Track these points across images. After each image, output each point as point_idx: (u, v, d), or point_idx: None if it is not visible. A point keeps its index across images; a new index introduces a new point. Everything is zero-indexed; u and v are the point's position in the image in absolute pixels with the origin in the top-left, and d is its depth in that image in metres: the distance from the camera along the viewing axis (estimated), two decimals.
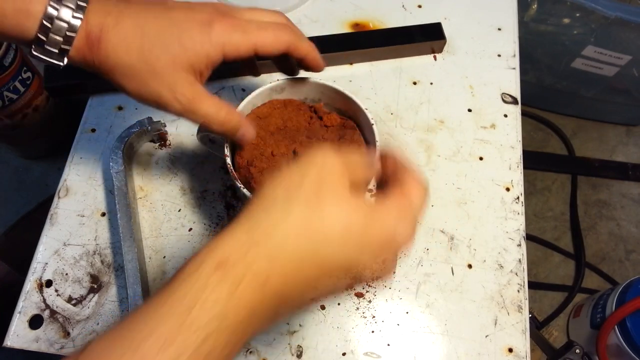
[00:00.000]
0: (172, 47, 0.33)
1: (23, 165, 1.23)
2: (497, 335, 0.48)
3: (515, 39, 0.64)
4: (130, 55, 0.33)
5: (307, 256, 0.25)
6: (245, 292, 0.23)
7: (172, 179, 0.54)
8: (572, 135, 1.31)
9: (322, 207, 0.26)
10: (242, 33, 0.34)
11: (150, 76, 0.33)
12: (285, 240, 0.25)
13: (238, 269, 0.23)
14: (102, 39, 0.33)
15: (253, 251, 0.24)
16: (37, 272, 0.49)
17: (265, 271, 0.24)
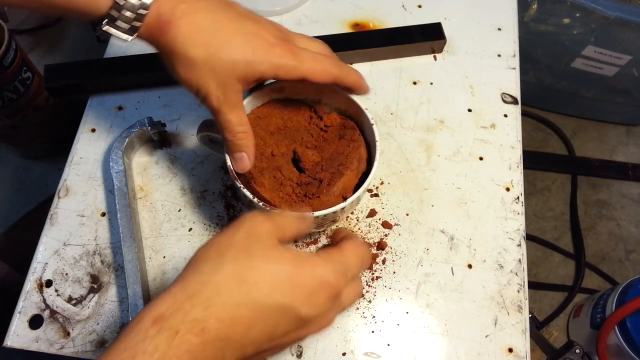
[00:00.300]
0: (236, 55, 0.35)
1: (23, 165, 1.23)
2: (497, 335, 0.48)
3: (515, 39, 0.64)
4: (196, 48, 0.35)
5: (240, 301, 0.27)
6: (184, 340, 0.25)
7: (172, 179, 0.54)
8: (572, 135, 1.31)
9: (252, 259, 0.28)
10: (297, 62, 0.37)
11: (206, 71, 0.36)
12: (218, 290, 0.27)
13: (174, 320, 0.25)
14: (172, 24, 0.34)
15: (187, 303, 0.26)
16: (37, 272, 0.49)
17: (202, 318, 0.26)
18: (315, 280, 0.29)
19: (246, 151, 0.41)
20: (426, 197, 0.54)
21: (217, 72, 0.36)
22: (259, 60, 0.36)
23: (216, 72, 0.36)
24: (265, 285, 0.28)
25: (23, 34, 1.39)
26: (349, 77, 0.41)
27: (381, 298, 0.49)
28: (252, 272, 0.28)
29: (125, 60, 0.58)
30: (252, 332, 0.28)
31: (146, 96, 0.59)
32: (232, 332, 0.27)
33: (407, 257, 0.51)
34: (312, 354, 0.46)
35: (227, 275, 0.27)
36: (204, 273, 0.28)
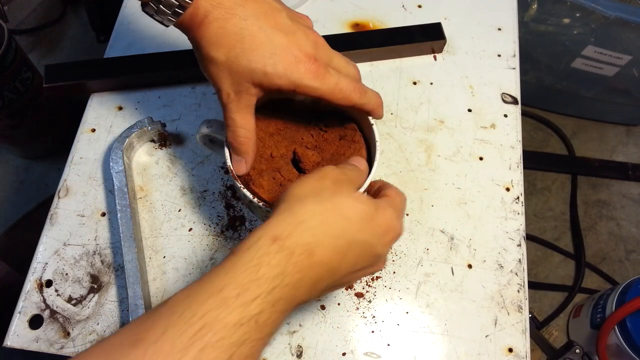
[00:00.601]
0: (255, 64, 0.37)
1: (23, 165, 1.23)
2: (497, 335, 0.48)
3: (515, 39, 0.64)
4: (218, 50, 0.37)
5: (340, 233, 0.31)
6: (298, 260, 0.29)
7: (172, 179, 0.54)
8: (572, 135, 1.31)
9: (345, 198, 0.32)
10: (318, 83, 0.38)
11: (223, 70, 0.37)
12: (324, 221, 0.31)
13: (290, 242, 0.29)
14: (204, 25, 0.36)
15: (299, 228, 0.30)
16: (37, 272, 0.49)
17: (312, 243, 0.30)
18: (386, 222, 0.34)
19: (245, 157, 0.42)
20: (426, 197, 0.54)
21: (233, 74, 0.37)
22: (278, 75, 0.37)
23: (233, 73, 0.37)
24: (357, 222, 0.32)
25: (23, 34, 1.39)
26: (369, 105, 0.42)
27: (381, 298, 0.49)
28: (347, 209, 0.32)
29: (125, 60, 0.58)
30: (344, 262, 0.32)
31: (146, 96, 0.59)
32: (331, 259, 0.31)
33: (407, 257, 0.51)
34: (312, 354, 0.46)
35: (329, 209, 0.31)
36: (307, 206, 0.31)
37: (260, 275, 0.27)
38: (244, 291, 0.27)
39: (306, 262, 0.29)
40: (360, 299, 0.49)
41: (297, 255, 0.29)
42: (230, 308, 0.26)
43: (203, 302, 0.26)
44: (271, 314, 0.28)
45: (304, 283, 0.30)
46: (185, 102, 0.58)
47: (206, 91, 0.59)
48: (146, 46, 0.61)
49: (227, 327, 0.25)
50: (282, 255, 0.28)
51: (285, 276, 0.28)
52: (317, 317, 0.48)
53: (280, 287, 0.28)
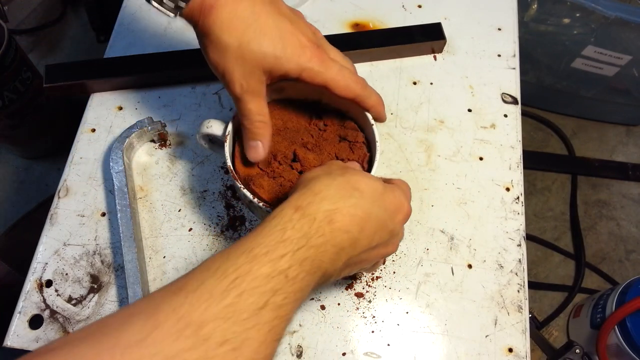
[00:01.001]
0: (267, 48, 0.37)
1: (23, 165, 1.23)
2: (497, 335, 0.48)
3: (515, 39, 0.64)
4: (231, 35, 0.37)
5: (356, 203, 0.32)
6: (320, 226, 0.31)
7: (172, 179, 0.54)
8: (572, 135, 1.31)
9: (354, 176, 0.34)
10: (323, 68, 0.39)
11: (235, 57, 0.37)
12: (339, 192, 0.32)
13: (311, 209, 0.31)
14: (215, 9, 0.36)
15: (318, 197, 0.32)
16: (37, 272, 0.49)
17: (331, 210, 0.31)
18: (396, 200, 0.36)
19: (262, 140, 0.42)
20: (426, 197, 0.54)
21: (245, 61, 0.37)
22: (287, 58, 0.38)
23: (245, 60, 0.37)
24: (370, 195, 0.33)
25: (23, 34, 1.39)
26: (370, 99, 0.43)
27: (381, 298, 0.49)
28: (359, 183, 0.33)
29: (125, 60, 0.58)
30: (362, 233, 0.33)
31: (146, 96, 0.59)
32: (350, 227, 0.32)
33: (407, 257, 0.51)
34: (312, 354, 0.46)
35: (343, 182, 0.33)
36: (322, 182, 0.33)
37: (286, 237, 0.29)
38: (273, 250, 0.29)
39: (327, 228, 0.31)
40: (360, 299, 0.49)
41: (318, 221, 0.31)
42: (261, 263, 0.28)
43: (235, 260, 0.28)
44: (299, 272, 0.29)
45: (327, 248, 0.31)
46: (185, 102, 0.58)
47: (206, 91, 0.59)
48: (146, 46, 0.61)
49: (259, 278, 0.27)
50: (305, 220, 0.30)
51: (309, 238, 0.30)
52: (317, 317, 0.48)
53: (305, 248, 0.30)
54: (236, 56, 0.37)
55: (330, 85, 0.40)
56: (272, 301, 0.27)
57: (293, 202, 0.32)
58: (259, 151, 0.43)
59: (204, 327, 0.24)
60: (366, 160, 0.46)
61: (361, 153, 0.46)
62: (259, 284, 0.27)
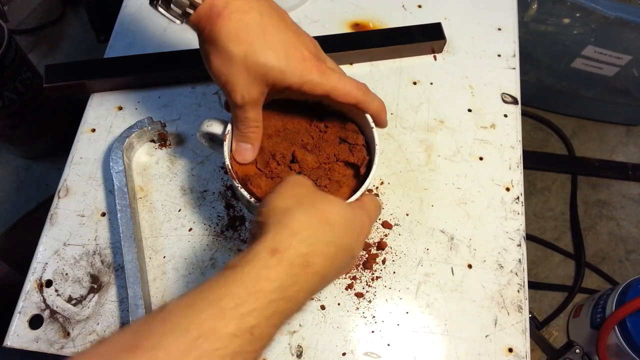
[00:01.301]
0: (273, 62, 0.37)
1: (23, 165, 1.23)
2: (497, 335, 0.48)
3: (515, 39, 0.64)
4: (238, 45, 0.36)
5: (329, 240, 0.32)
6: (295, 272, 0.30)
7: (172, 179, 0.54)
8: (572, 135, 1.31)
9: (326, 207, 0.33)
10: (323, 79, 0.39)
11: (240, 68, 0.37)
12: (314, 230, 0.32)
13: (290, 253, 0.30)
14: (223, 17, 0.36)
15: (295, 240, 0.31)
16: (37, 272, 0.49)
17: (306, 254, 0.30)
18: (361, 223, 0.36)
19: (253, 144, 0.43)
20: (426, 197, 0.54)
21: (250, 72, 0.37)
22: (291, 72, 0.38)
23: (249, 71, 0.37)
24: (340, 227, 0.33)
25: (23, 34, 1.39)
26: (372, 105, 0.43)
27: (381, 298, 0.49)
28: (330, 215, 0.33)
29: (125, 60, 0.58)
30: (332, 268, 0.33)
31: (146, 96, 0.59)
32: (323, 267, 0.31)
33: (407, 257, 0.51)
34: (312, 354, 0.46)
35: (315, 217, 0.32)
36: (297, 217, 0.32)
37: (259, 289, 0.28)
38: (242, 303, 0.27)
39: (303, 273, 0.30)
40: (360, 299, 0.49)
41: (295, 266, 0.30)
42: (227, 319, 0.26)
43: (201, 312, 0.26)
44: (266, 328, 0.28)
45: (300, 295, 0.30)
46: (185, 102, 0.58)
47: (206, 91, 0.59)
48: (146, 46, 0.61)
49: (223, 338, 0.25)
50: (282, 267, 0.29)
51: (283, 290, 0.29)
52: (317, 317, 0.48)
53: (277, 301, 0.28)
54: (241, 67, 0.37)
55: (332, 94, 0.40)
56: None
57: (269, 242, 0.30)
58: (248, 154, 0.43)
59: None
60: (365, 164, 0.46)
61: (361, 156, 0.46)
62: (222, 345, 0.25)
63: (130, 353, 0.24)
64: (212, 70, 0.39)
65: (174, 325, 0.25)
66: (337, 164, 0.46)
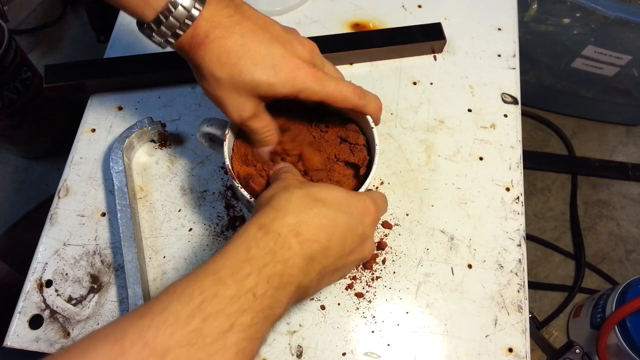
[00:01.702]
0: (260, 77, 0.38)
1: (23, 165, 1.23)
2: (497, 335, 0.48)
3: (515, 39, 0.64)
4: (222, 69, 0.37)
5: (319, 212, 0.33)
6: (285, 240, 0.31)
7: (172, 179, 0.54)
8: (572, 135, 1.31)
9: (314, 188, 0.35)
10: (319, 86, 0.40)
11: (228, 90, 0.38)
12: (299, 205, 0.33)
13: (275, 225, 0.31)
14: (205, 45, 0.37)
15: (280, 213, 0.32)
16: (37, 272, 0.49)
17: (295, 225, 0.32)
18: (361, 203, 0.36)
19: (270, 144, 0.44)
20: (426, 197, 0.54)
21: (239, 91, 0.38)
22: (281, 83, 0.38)
23: (238, 91, 0.38)
24: (333, 203, 0.34)
25: (23, 34, 1.39)
26: (368, 108, 0.43)
27: (381, 298, 0.49)
28: (320, 193, 0.34)
29: (125, 60, 0.58)
30: (332, 240, 0.33)
31: (146, 96, 0.59)
32: (319, 236, 0.32)
33: (407, 257, 0.51)
34: (312, 354, 0.46)
35: (302, 195, 0.33)
36: (282, 197, 0.33)
37: (251, 256, 0.30)
38: (238, 270, 0.29)
39: (294, 240, 0.31)
40: (360, 299, 0.49)
41: (283, 235, 0.31)
42: (227, 284, 0.28)
43: (202, 281, 0.28)
44: (267, 289, 0.29)
45: (296, 261, 0.31)
46: (185, 102, 0.58)
47: None
48: (146, 46, 0.61)
49: (225, 300, 0.27)
50: (269, 237, 0.31)
51: (274, 254, 0.30)
52: (317, 317, 0.48)
53: (272, 264, 0.30)
54: (229, 88, 0.38)
55: (329, 101, 0.41)
56: (239, 322, 0.27)
57: (255, 221, 0.32)
58: (266, 153, 0.45)
59: (169, 354, 0.24)
60: (365, 164, 0.46)
61: (361, 156, 0.46)
62: (225, 306, 0.27)
63: (141, 318, 0.26)
64: (205, 92, 0.40)
65: (180, 294, 0.27)
66: (337, 164, 0.46)
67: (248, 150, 0.46)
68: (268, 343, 0.46)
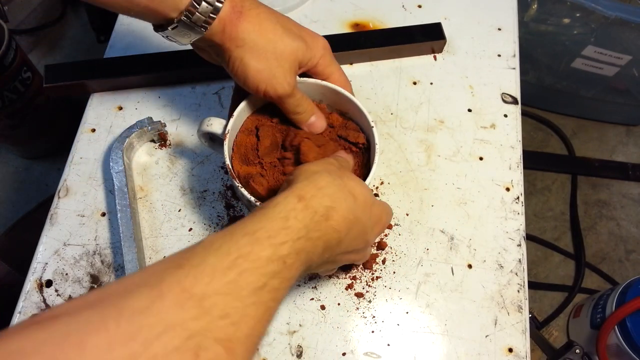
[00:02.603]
0: (295, 42, 0.41)
1: (23, 165, 1.23)
2: (497, 335, 0.48)
3: (515, 39, 0.64)
4: (263, 36, 0.40)
5: (350, 206, 0.34)
6: (319, 220, 0.32)
7: (172, 179, 0.54)
8: (572, 135, 1.31)
9: (351, 182, 0.36)
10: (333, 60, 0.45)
11: (273, 57, 0.40)
12: (337, 193, 0.34)
13: (314, 201, 0.32)
14: (244, 15, 0.39)
15: (320, 192, 0.33)
16: (37, 272, 0.49)
17: (329, 207, 0.33)
18: (380, 213, 0.38)
19: (315, 112, 0.46)
20: (426, 197, 0.54)
21: (283, 58, 0.41)
22: (312, 46, 0.42)
23: (282, 57, 0.41)
24: (361, 203, 0.35)
25: (23, 34, 1.39)
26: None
27: (381, 298, 0.49)
28: (355, 189, 0.35)
29: (125, 60, 0.58)
30: (347, 235, 0.34)
31: (146, 96, 0.59)
32: (341, 228, 0.33)
33: (407, 257, 0.51)
34: (312, 354, 0.46)
35: (342, 184, 0.34)
36: (323, 179, 0.34)
37: (288, 225, 0.30)
38: (275, 235, 0.29)
39: (324, 224, 0.32)
40: (360, 299, 0.49)
41: (319, 215, 0.32)
42: (263, 246, 0.28)
43: (238, 240, 0.28)
44: (295, 260, 0.30)
45: (319, 244, 0.32)
46: (185, 102, 0.58)
47: (206, 91, 0.59)
48: (146, 46, 0.61)
49: (260, 260, 0.28)
50: (307, 212, 0.31)
51: (308, 230, 0.31)
52: (317, 317, 0.48)
53: (304, 239, 0.31)
54: (274, 56, 0.40)
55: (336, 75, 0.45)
56: (270, 283, 0.28)
57: (297, 191, 0.33)
58: (319, 122, 0.46)
59: (206, 300, 0.25)
60: (363, 165, 0.46)
61: (360, 155, 0.46)
62: (260, 265, 0.28)
63: (179, 269, 0.26)
64: (251, 72, 0.41)
65: (216, 250, 0.27)
66: None
67: (248, 150, 0.46)
68: (268, 343, 0.46)
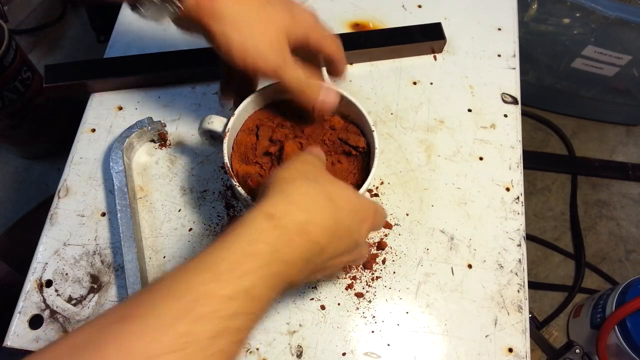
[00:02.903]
0: (281, 11, 0.38)
1: (23, 165, 1.23)
2: (497, 335, 0.48)
3: (515, 39, 0.64)
4: (242, 6, 0.37)
5: (330, 214, 0.32)
6: (291, 237, 0.29)
7: (172, 179, 0.54)
8: (572, 135, 1.31)
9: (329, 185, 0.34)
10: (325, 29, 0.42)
11: (256, 27, 0.37)
12: (315, 202, 0.32)
13: (286, 219, 0.30)
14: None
15: (293, 207, 0.31)
16: (37, 272, 0.49)
17: (304, 222, 0.30)
18: (365, 210, 0.36)
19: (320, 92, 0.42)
20: (426, 197, 0.54)
21: (269, 28, 0.38)
22: (299, 18, 0.39)
23: (268, 28, 0.38)
24: (345, 207, 0.33)
25: (23, 34, 1.39)
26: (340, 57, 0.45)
27: (381, 298, 0.49)
28: (334, 193, 0.33)
29: (125, 60, 0.58)
30: (331, 243, 0.32)
31: (146, 96, 0.59)
32: (321, 238, 0.31)
33: (407, 257, 0.51)
34: (312, 354, 0.46)
35: (318, 190, 0.32)
36: (299, 188, 0.32)
37: (254, 251, 0.28)
38: (238, 266, 0.27)
39: (299, 240, 0.30)
40: (360, 299, 0.49)
41: (291, 233, 0.29)
42: (224, 282, 0.26)
43: (195, 277, 0.26)
44: (264, 289, 0.27)
45: (297, 261, 0.30)
46: (185, 102, 0.58)
47: (206, 91, 0.59)
48: (146, 46, 0.61)
49: (219, 300, 0.25)
50: (277, 232, 0.29)
51: (279, 253, 0.28)
52: (317, 317, 0.48)
53: (276, 263, 0.28)
54: (258, 27, 0.37)
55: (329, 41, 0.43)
56: (231, 326, 0.25)
57: (266, 208, 0.30)
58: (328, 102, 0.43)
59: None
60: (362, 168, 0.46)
61: (360, 159, 0.46)
62: (218, 307, 0.25)
63: (121, 323, 0.23)
64: (234, 46, 0.38)
65: (166, 294, 0.25)
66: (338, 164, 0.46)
67: (248, 149, 0.46)
68: (268, 343, 0.46)
